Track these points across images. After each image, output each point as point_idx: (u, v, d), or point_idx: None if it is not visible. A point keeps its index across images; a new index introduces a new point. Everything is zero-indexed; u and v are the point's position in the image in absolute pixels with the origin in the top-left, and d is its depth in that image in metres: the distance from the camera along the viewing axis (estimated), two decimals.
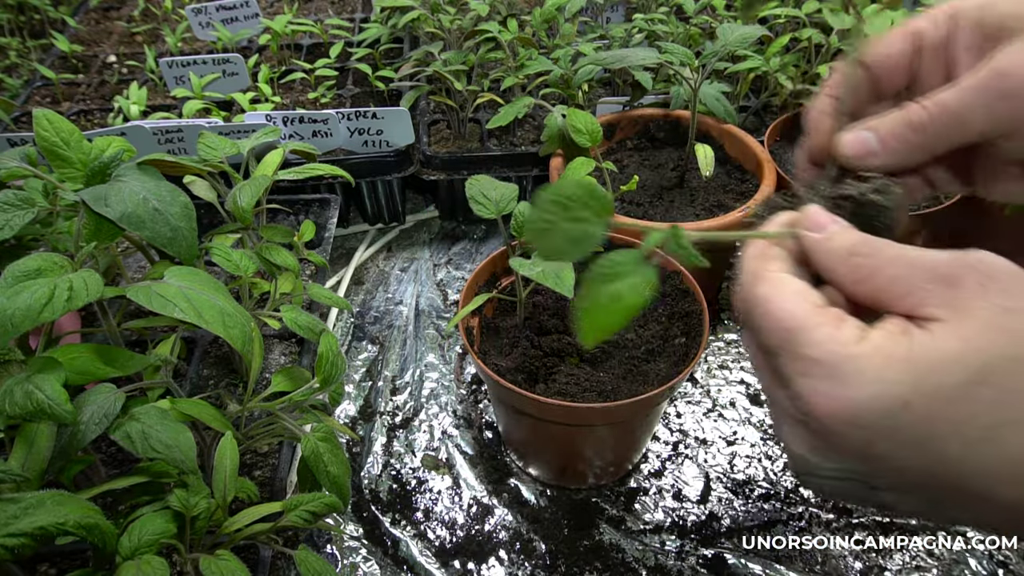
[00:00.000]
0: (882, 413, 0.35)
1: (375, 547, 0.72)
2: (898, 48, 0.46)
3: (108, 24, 1.51)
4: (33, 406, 0.41)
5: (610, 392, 0.65)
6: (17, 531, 0.37)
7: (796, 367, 0.37)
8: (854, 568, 0.71)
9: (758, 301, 0.40)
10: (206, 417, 0.52)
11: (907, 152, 0.44)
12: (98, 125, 1.15)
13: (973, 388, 0.34)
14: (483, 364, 0.64)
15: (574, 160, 0.79)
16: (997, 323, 0.35)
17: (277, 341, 0.80)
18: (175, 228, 0.49)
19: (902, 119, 0.44)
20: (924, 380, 0.34)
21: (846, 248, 0.40)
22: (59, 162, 0.53)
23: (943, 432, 0.34)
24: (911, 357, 0.35)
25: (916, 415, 0.34)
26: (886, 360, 0.35)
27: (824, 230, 0.42)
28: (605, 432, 0.69)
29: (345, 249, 1.09)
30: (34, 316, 0.41)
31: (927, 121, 0.44)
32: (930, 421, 0.34)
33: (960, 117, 0.43)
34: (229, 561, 0.48)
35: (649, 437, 0.79)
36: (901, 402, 0.34)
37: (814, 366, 0.37)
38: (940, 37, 0.45)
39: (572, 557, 0.71)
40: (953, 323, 0.35)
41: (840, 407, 0.35)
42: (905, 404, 0.34)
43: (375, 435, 0.83)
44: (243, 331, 0.48)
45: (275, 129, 0.74)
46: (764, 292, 0.40)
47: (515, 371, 0.67)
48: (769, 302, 0.39)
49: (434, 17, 1.09)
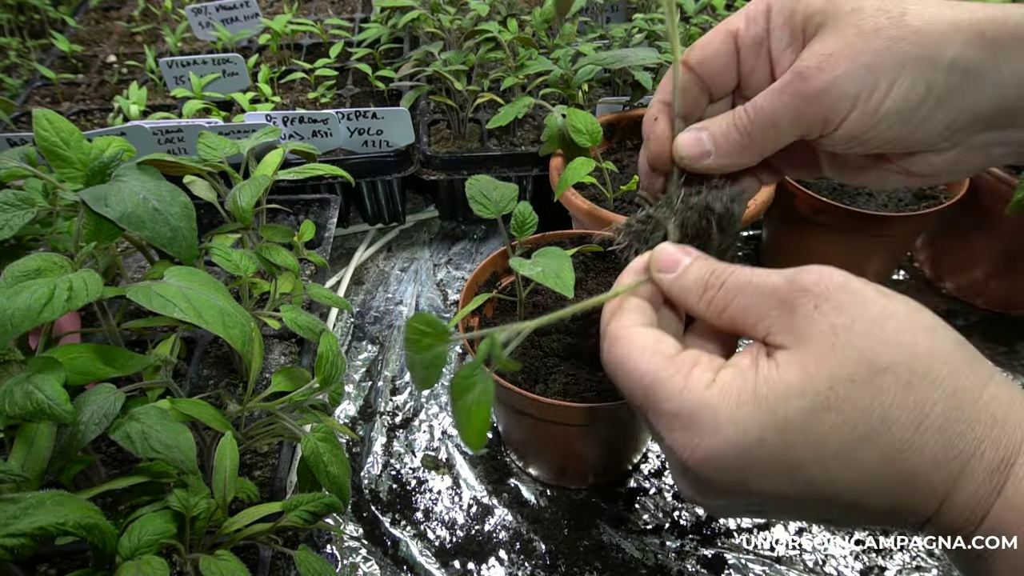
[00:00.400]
0: (742, 454, 0.36)
1: (375, 547, 0.72)
2: (716, 49, 0.47)
3: (108, 24, 1.51)
4: (33, 406, 0.41)
5: (610, 392, 0.65)
6: (17, 531, 0.37)
7: (660, 423, 0.39)
8: (854, 568, 0.71)
9: (616, 363, 0.41)
10: (206, 417, 0.52)
11: (738, 153, 0.45)
12: (98, 125, 1.15)
13: (819, 415, 0.35)
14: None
15: (574, 160, 0.79)
16: (832, 344, 0.36)
17: (277, 341, 0.80)
18: (175, 228, 0.49)
19: (728, 122, 0.45)
20: (772, 415, 0.35)
21: (698, 284, 0.42)
22: (59, 162, 0.53)
23: (802, 459, 0.36)
24: (758, 393, 0.36)
25: (773, 449, 0.36)
26: (736, 401, 0.36)
27: (676, 267, 0.43)
28: (605, 432, 0.69)
29: (345, 249, 1.09)
30: (34, 316, 0.41)
31: (749, 125, 0.44)
32: (788, 451, 0.36)
33: (774, 121, 0.43)
34: (229, 561, 0.48)
35: (649, 437, 0.79)
36: (756, 440, 0.36)
37: (673, 419, 0.38)
38: (757, 35, 0.46)
39: (572, 557, 0.71)
40: (794, 350, 0.37)
41: (704, 456, 0.37)
42: (760, 441, 0.36)
43: (375, 435, 0.83)
44: (243, 331, 0.48)
45: (275, 129, 0.74)
46: (619, 353, 0.41)
47: (515, 371, 0.67)
48: (625, 363, 0.40)
49: (434, 17, 1.09)
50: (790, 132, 0.44)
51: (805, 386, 0.35)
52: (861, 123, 0.42)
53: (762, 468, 0.36)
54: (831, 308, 0.36)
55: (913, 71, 0.40)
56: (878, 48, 0.40)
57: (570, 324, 0.72)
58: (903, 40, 0.40)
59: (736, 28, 0.46)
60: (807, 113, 0.42)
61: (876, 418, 0.34)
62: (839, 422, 0.35)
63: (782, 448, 0.36)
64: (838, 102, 0.41)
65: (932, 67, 0.40)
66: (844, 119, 0.42)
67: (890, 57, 0.40)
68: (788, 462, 0.36)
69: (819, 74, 0.41)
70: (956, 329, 0.37)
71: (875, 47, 0.40)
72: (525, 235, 0.69)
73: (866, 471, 0.35)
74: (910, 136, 0.42)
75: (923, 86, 0.40)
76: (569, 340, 0.70)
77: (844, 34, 0.41)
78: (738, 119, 0.45)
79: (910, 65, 0.40)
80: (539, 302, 0.75)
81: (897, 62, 0.40)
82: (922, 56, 0.40)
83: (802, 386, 0.35)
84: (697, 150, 0.46)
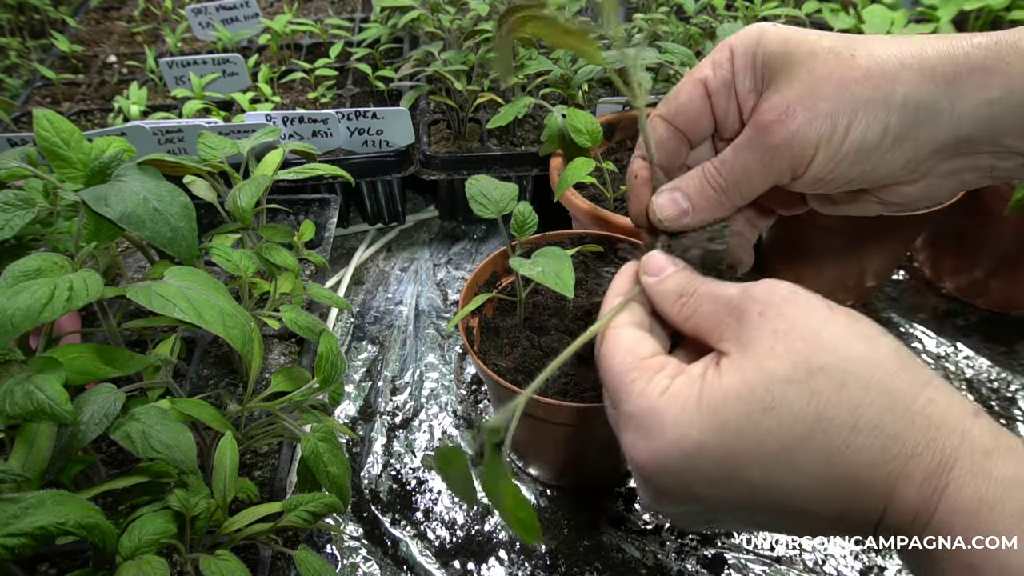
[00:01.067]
0: (685, 458, 0.37)
1: (375, 547, 0.72)
2: (688, 98, 0.48)
3: (108, 24, 1.51)
4: (34, 406, 0.41)
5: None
6: (18, 531, 0.37)
7: (620, 421, 0.41)
8: (854, 568, 0.71)
9: (599, 359, 0.43)
10: (206, 417, 0.52)
11: (715, 208, 0.46)
12: (98, 125, 1.16)
13: (756, 418, 0.36)
14: (483, 364, 0.64)
15: (574, 160, 0.79)
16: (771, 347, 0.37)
17: (277, 341, 0.80)
18: (175, 228, 0.49)
19: (701, 179, 0.46)
20: (712, 420, 0.37)
21: (674, 290, 0.43)
22: (59, 162, 0.53)
23: (743, 463, 0.36)
24: (701, 399, 0.37)
25: (714, 453, 0.37)
26: (681, 408, 0.37)
27: (661, 273, 0.45)
28: (605, 432, 0.69)
29: (345, 249, 1.09)
30: (34, 316, 0.41)
31: (721, 181, 0.46)
32: (729, 455, 0.36)
33: (744, 174, 0.45)
34: (229, 561, 0.48)
35: None
36: (697, 444, 0.37)
37: (630, 420, 0.40)
38: (724, 78, 0.47)
39: (572, 557, 0.71)
40: (736, 357, 0.38)
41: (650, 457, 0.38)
42: (700, 445, 0.37)
43: (375, 435, 0.83)
44: (243, 331, 0.48)
45: (275, 129, 0.74)
46: (603, 350, 0.43)
47: (515, 371, 0.67)
48: (604, 359, 0.42)
49: (434, 17, 1.09)
50: (762, 182, 0.45)
51: (742, 390, 0.36)
52: (825, 166, 0.43)
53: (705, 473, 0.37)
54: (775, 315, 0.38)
55: (867, 113, 0.41)
56: (830, 93, 0.41)
57: (570, 324, 0.72)
58: (855, 82, 0.41)
59: (704, 75, 0.47)
60: (773, 164, 0.43)
61: (811, 419, 0.35)
62: (775, 424, 0.36)
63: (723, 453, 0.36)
64: (801, 150, 0.42)
65: (885, 108, 0.41)
66: (809, 164, 0.43)
67: (844, 100, 0.41)
68: (730, 467, 0.37)
69: (779, 127, 0.42)
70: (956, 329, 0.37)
71: (828, 92, 0.41)
72: (525, 235, 0.69)
73: (807, 474, 0.36)
74: (874, 172, 0.44)
75: (879, 126, 0.41)
76: (570, 340, 0.70)
77: (799, 80, 0.42)
78: (709, 175, 0.46)
79: (863, 107, 0.41)
80: (539, 302, 0.75)
81: (851, 105, 0.41)
82: (874, 97, 0.41)
83: (739, 390, 0.37)
84: (675, 211, 0.46)
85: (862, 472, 0.35)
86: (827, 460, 0.35)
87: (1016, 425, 0.82)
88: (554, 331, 0.71)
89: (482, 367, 0.64)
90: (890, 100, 0.41)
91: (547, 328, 0.72)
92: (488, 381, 0.67)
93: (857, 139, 0.42)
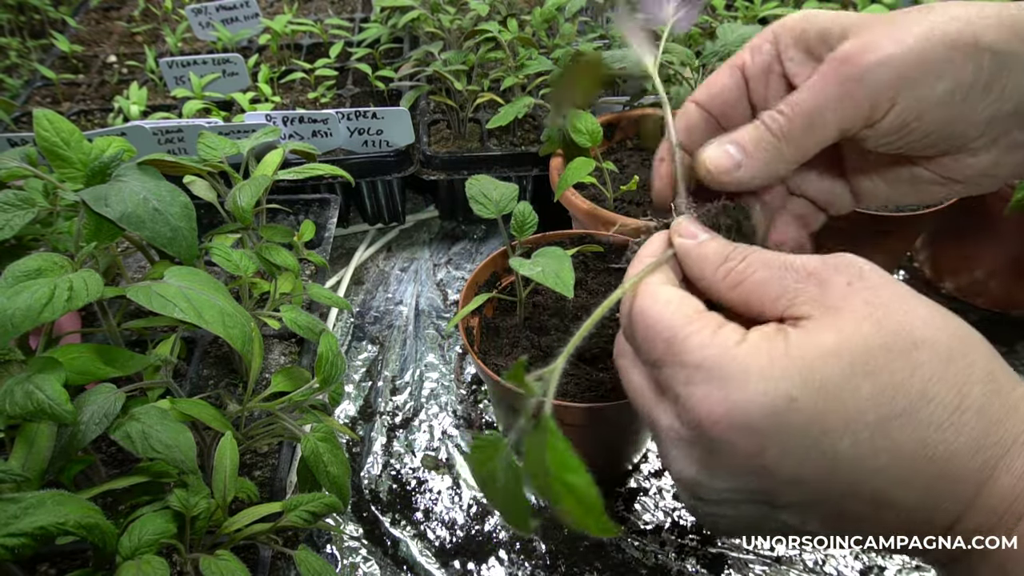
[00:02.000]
0: (770, 413, 0.33)
1: (375, 547, 0.72)
2: (724, 84, 0.46)
3: (108, 24, 1.51)
4: (34, 406, 0.41)
5: (610, 392, 0.65)
6: (18, 531, 0.37)
7: (680, 376, 0.36)
8: (854, 568, 0.71)
9: (637, 316, 0.39)
10: (206, 417, 0.52)
11: (774, 160, 0.42)
12: (98, 125, 1.16)
13: (856, 380, 0.33)
14: (483, 364, 0.64)
15: (574, 160, 0.79)
16: (867, 315, 0.34)
17: (277, 341, 0.80)
18: (175, 228, 0.49)
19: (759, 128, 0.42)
20: (808, 375, 0.33)
21: (718, 255, 0.40)
22: (59, 162, 0.53)
23: (834, 429, 0.33)
24: (791, 353, 0.34)
25: (805, 412, 0.33)
26: (769, 358, 0.34)
27: (696, 238, 0.41)
28: (605, 432, 0.69)
29: (345, 249, 1.09)
30: (34, 316, 0.41)
31: (786, 125, 0.42)
32: (820, 417, 0.33)
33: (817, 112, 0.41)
34: (229, 561, 0.48)
35: (649, 437, 0.79)
36: (788, 399, 0.33)
37: (697, 372, 0.35)
38: (764, 62, 0.44)
39: (572, 557, 0.71)
40: (827, 319, 0.35)
41: (727, 410, 0.34)
42: (791, 401, 0.33)
43: (375, 435, 0.83)
44: (243, 331, 0.48)
45: (275, 129, 0.74)
46: (641, 306, 0.39)
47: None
48: (646, 315, 0.38)
49: (434, 17, 1.09)
50: (834, 125, 0.41)
51: (842, 347, 0.33)
52: (909, 108, 0.39)
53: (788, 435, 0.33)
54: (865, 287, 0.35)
55: (960, 52, 0.38)
56: (920, 32, 0.38)
57: (570, 325, 0.72)
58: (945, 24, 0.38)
59: (742, 61, 0.45)
60: (856, 97, 0.39)
61: (915, 392, 0.32)
62: (876, 392, 0.33)
63: (814, 412, 0.33)
64: (888, 82, 0.39)
65: (976, 49, 0.38)
66: (892, 105, 0.39)
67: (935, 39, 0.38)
68: (818, 431, 0.33)
69: (865, 55, 0.38)
70: None
71: (917, 31, 0.38)
72: (525, 235, 0.69)
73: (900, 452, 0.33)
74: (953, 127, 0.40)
75: (971, 67, 0.38)
76: (568, 338, 0.70)
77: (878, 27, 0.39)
78: (771, 121, 0.42)
79: (956, 47, 0.38)
80: (539, 302, 0.75)
81: (942, 42, 0.38)
82: (963, 39, 0.38)
83: (838, 349, 0.33)
84: (727, 162, 0.42)
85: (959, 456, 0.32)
86: (924, 438, 0.32)
87: None
88: (554, 331, 0.71)
89: (482, 367, 0.64)
90: (980, 42, 0.38)
91: (547, 328, 0.72)
92: (488, 381, 0.67)
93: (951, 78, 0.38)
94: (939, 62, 0.38)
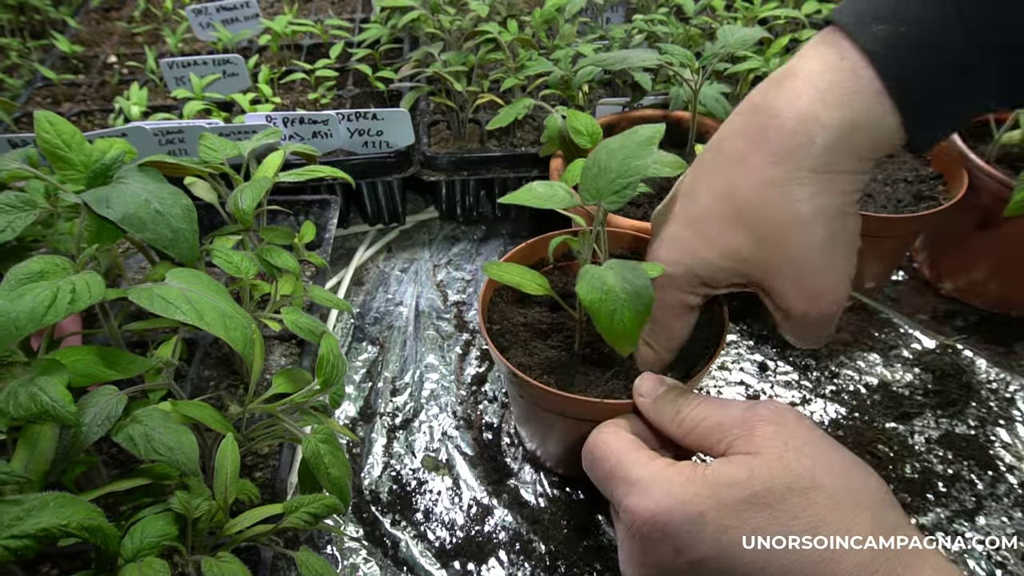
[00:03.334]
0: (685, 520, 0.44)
1: (375, 548, 0.72)
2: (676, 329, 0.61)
3: (108, 25, 1.51)
4: (37, 408, 0.41)
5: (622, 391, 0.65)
6: (20, 532, 0.38)
7: (621, 489, 0.48)
8: None
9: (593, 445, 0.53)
10: (207, 419, 0.52)
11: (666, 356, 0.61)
12: (99, 126, 1.16)
13: (754, 509, 0.43)
14: (503, 358, 0.63)
15: (574, 161, 0.79)
16: (780, 456, 0.45)
17: (278, 343, 0.80)
18: (176, 230, 0.49)
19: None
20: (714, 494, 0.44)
21: (672, 407, 0.52)
22: (60, 164, 0.53)
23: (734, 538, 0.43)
24: (707, 476, 0.45)
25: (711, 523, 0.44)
26: (688, 479, 0.45)
27: (654, 393, 0.54)
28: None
29: (345, 250, 1.09)
30: (38, 319, 0.41)
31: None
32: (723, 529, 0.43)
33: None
34: (230, 563, 0.48)
35: None
36: (698, 511, 0.44)
37: (634, 485, 0.47)
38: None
39: (572, 558, 0.71)
40: (745, 457, 0.46)
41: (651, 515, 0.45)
42: (700, 515, 0.44)
43: (375, 436, 0.83)
44: (244, 333, 0.48)
45: (276, 130, 0.74)
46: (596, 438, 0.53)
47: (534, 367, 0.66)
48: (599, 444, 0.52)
49: (434, 18, 1.09)
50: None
51: (748, 481, 0.44)
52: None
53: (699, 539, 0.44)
54: (788, 432, 0.46)
55: None
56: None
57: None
58: None
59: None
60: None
61: (807, 524, 0.43)
62: (771, 519, 0.43)
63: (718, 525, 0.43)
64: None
65: None
66: None
67: None
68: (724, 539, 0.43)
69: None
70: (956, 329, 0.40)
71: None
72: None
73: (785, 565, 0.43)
74: None
75: None
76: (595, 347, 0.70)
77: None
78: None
79: None
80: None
81: None
82: None
83: (745, 480, 0.44)
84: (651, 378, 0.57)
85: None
86: (817, 567, 0.42)
87: (1015, 426, 0.82)
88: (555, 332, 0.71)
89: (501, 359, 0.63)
90: None
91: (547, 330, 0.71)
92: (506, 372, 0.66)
93: None
94: None
